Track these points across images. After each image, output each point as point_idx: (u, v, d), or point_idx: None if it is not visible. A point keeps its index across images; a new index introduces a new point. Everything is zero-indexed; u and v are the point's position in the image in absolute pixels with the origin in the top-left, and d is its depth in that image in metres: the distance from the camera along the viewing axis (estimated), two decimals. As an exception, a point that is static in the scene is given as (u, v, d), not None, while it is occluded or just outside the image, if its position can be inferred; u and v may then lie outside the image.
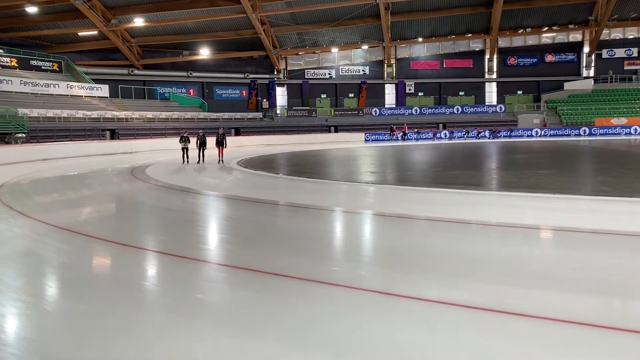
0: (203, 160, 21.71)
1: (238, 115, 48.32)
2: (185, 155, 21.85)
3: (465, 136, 46.77)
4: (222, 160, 21.95)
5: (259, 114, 50.60)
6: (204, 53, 48.54)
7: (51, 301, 4.77)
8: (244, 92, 52.33)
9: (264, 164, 22.00)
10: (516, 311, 3.97)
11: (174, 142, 27.48)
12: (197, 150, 22.30)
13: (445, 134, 48.39)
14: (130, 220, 9.22)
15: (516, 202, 9.99)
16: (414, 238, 7.06)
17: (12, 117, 30.66)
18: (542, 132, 47.77)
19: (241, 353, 3.43)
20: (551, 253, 6.30)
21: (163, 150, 31.97)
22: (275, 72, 52.38)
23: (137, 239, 7.30)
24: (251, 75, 51.52)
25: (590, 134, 46.66)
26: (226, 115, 47.26)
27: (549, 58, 54.89)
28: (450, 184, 12.57)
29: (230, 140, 41.56)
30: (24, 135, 29.49)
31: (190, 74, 49.24)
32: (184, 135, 22.59)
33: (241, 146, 37.73)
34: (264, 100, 52.48)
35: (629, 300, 4.43)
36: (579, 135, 46.51)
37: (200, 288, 4.99)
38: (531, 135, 47.51)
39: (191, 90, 50.35)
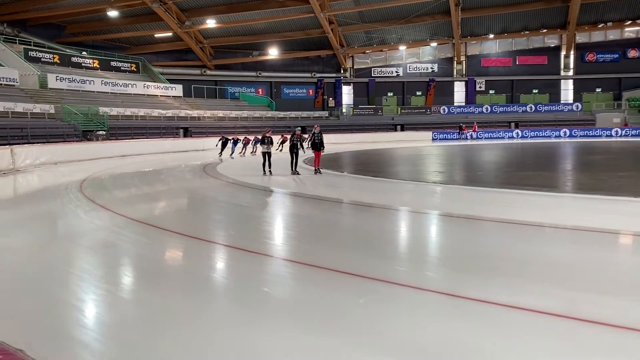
0: (296, 167, 16.11)
1: (304, 114, 48.87)
2: (267, 162, 16.06)
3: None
4: (319, 168, 16.23)
5: (325, 113, 50.94)
6: (273, 53, 49.44)
7: (128, 290, 5.05)
8: (310, 91, 52.86)
9: (330, 162, 22.05)
10: (592, 319, 3.79)
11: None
12: (290, 157, 16.17)
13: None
14: (202, 215, 9.56)
15: (594, 205, 9.49)
16: (482, 240, 6.87)
17: (93, 116, 32.60)
18: (623, 132, 45.02)
19: (308, 350, 3.49)
20: (631, 260, 5.94)
21: (232, 148, 32.78)
22: (342, 71, 52.50)
23: (207, 233, 7.56)
24: (318, 75, 51.98)
25: (678, 134, 43.52)
26: (293, 114, 47.96)
27: (632, 53, 51.56)
28: (522, 185, 12.12)
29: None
30: (104, 132, 31.27)
31: (260, 73, 50.34)
32: (267, 135, 16.43)
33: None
34: (330, 99, 52.78)
35: None
36: (665, 135, 43.50)
37: (268, 282, 5.09)
38: (610, 136, 44.91)
39: (260, 90, 51.47)
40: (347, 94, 53.77)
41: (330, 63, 52.19)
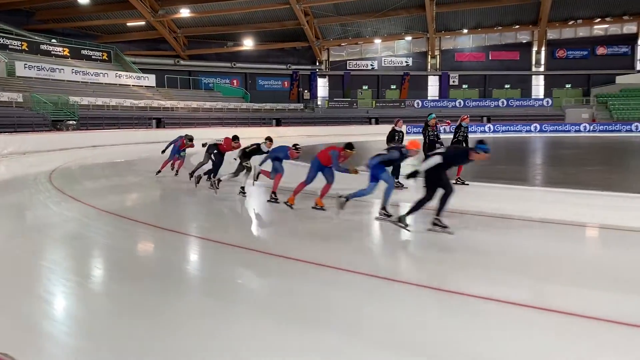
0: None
1: (279, 106, 48.61)
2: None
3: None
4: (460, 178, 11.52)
5: (300, 105, 50.76)
6: (248, 44, 49.02)
7: (97, 282, 4.98)
8: (285, 83, 52.65)
9: (307, 155, 21.96)
10: (556, 308, 3.89)
11: (219, 132, 27.47)
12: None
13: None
14: (172, 206, 9.47)
15: (562, 198, 9.68)
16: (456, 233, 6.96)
17: (63, 105, 31.81)
18: (591, 127, 46.07)
19: (289, 345, 3.51)
20: (601, 252, 6.12)
21: (206, 139, 32.48)
22: (317, 64, 52.40)
23: (177, 224, 7.49)
24: (293, 67, 51.78)
25: (643, 130, 44.71)
26: (268, 106, 47.65)
27: (601, 50, 52.86)
28: (493, 179, 12.33)
29: (272, 131, 42.03)
30: (74, 122, 30.57)
31: (234, 64, 49.86)
32: (397, 127, 11.80)
33: (282, 137, 37.90)
34: (305, 91, 52.66)
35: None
36: (631, 131, 44.55)
37: (234, 271, 5.09)
38: (579, 131, 45.91)
39: (234, 81, 51.01)
40: (322, 87, 53.73)
41: (305, 55, 52.03)
